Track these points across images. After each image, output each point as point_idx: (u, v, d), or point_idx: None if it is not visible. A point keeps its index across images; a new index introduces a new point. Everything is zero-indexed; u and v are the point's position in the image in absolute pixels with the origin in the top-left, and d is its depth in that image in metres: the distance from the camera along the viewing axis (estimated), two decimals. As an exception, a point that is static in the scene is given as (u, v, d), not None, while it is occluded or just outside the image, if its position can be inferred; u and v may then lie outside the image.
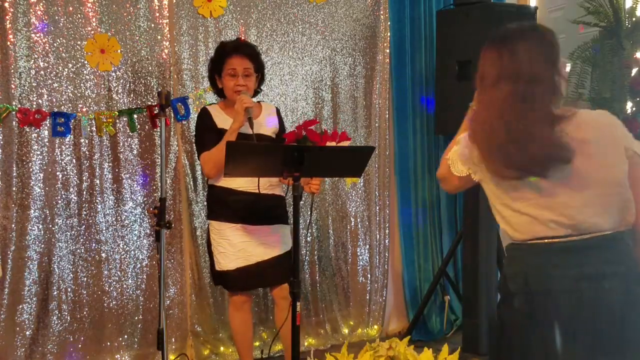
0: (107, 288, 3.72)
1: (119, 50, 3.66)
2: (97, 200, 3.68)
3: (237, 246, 3.21)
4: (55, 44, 3.54)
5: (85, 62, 3.60)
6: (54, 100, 3.56)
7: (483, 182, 1.98)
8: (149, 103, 3.74)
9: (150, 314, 3.80)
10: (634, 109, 3.06)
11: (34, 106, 3.52)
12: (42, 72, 3.52)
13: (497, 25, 4.00)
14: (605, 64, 3.03)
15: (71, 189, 3.62)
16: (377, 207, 4.40)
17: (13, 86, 3.46)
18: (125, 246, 3.75)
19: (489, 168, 1.90)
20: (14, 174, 3.51)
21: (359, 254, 4.36)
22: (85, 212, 3.67)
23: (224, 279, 3.29)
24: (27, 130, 3.52)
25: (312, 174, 2.90)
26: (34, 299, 3.56)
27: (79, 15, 3.58)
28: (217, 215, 3.28)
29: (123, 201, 3.73)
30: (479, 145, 1.90)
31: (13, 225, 3.51)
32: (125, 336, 3.76)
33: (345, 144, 2.93)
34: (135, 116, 3.72)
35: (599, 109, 3.03)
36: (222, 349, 3.97)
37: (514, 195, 1.90)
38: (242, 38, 3.79)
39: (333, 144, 2.90)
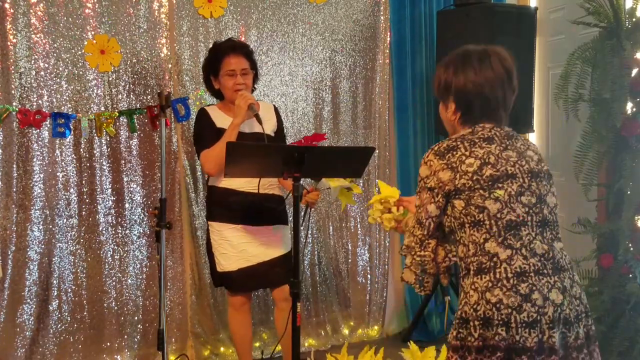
0: (107, 288, 3.72)
1: (119, 51, 3.66)
2: (97, 201, 3.68)
3: (238, 247, 3.21)
4: (55, 45, 3.54)
5: (86, 62, 3.60)
6: (54, 100, 3.57)
7: None
8: (149, 104, 3.74)
9: (150, 314, 3.81)
10: (634, 109, 3.05)
11: (34, 107, 3.52)
12: (42, 73, 3.53)
13: (497, 25, 3.98)
14: (605, 64, 3.02)
15: (71, 190, 3.63)
16: (377, 208, 4.38)
17: (13, 87, 3.47)
18: (125, 246, 3.75)
19: None
20: (15, 175, 3.51)
21: (358, 254, 4.36)
22: (85, 213, 3.67)
23: (225, 280, 3.28)
24: (28, 130, 3.52)
25: (312, 175, 2.90)
26: (34, 299, 3.56)
27: (79, 16, 3.58)
28: (217, 216, 3.27)
29: (123, 201, 3.74)
30: None
31: (13, 226, 3.51)
32: (125, 336, 3.77)
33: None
34: (135, 117, 3.72)
35: (599, 109, 3.04)
36: (222, 349, 3.97)
37: None
38: (236, 38, 3.78)
39: None
